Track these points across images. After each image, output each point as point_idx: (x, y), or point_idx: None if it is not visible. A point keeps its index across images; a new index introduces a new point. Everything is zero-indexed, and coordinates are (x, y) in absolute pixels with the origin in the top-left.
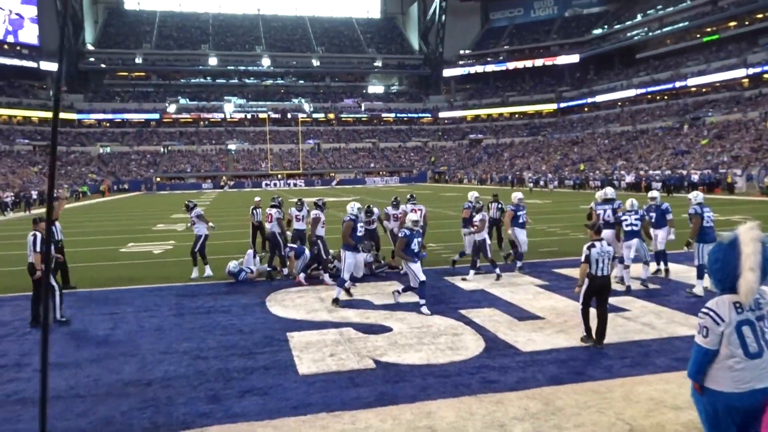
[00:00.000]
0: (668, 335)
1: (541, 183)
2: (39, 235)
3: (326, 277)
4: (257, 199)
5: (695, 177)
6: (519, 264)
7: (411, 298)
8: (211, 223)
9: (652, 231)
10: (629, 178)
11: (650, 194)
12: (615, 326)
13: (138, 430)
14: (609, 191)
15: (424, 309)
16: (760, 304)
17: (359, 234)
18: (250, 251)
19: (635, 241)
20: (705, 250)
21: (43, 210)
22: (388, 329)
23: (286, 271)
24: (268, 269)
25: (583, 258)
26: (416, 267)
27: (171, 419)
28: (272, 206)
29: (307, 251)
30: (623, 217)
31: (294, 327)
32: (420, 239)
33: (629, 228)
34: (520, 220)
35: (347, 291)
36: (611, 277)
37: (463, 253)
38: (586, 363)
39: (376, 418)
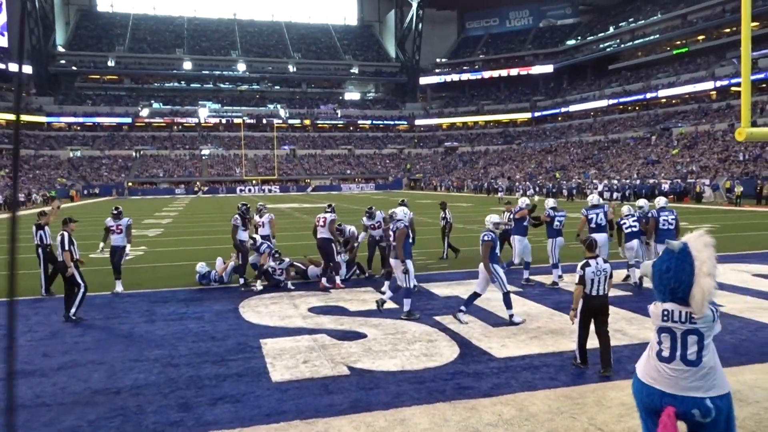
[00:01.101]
0: (639, 341)
1: (516, 191)
2: (67, 234)
3: (324, 280)
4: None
5: (665, 186)
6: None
7: (391, 304)
8: (129, 247)
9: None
10: (601, 187)
11: (638, 202)
12: None
13: None
14: (595, 198)
15: (516, 318)
16: (692, 318)
17: (411, 242)
18: (220, 258)
19: (635, 242)
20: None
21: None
22: (363, 335)
23: (259, 286)
24: (240, 278)
25: (576, 279)
26: (501, 274)
27: (140, 428)
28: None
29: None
30: (622, 221)
31: (267, 334)
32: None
33: (629, 230)
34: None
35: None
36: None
37: (511, 263)
38: (559, 369)
39: (350, 425)
